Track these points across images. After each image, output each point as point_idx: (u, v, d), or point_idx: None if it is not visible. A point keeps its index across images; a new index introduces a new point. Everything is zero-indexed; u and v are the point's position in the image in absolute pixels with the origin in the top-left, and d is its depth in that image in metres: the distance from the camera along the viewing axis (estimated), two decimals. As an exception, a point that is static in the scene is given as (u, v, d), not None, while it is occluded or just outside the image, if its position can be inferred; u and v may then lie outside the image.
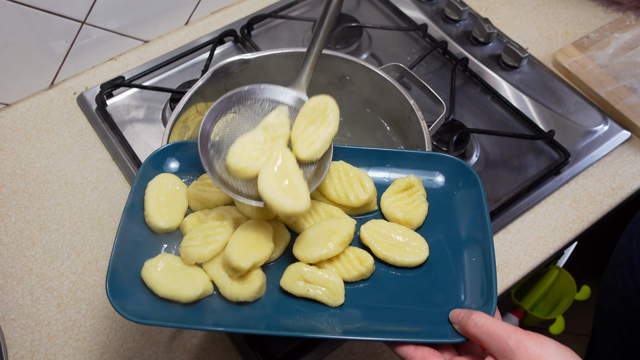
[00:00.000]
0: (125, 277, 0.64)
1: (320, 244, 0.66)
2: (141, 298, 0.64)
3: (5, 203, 0.98)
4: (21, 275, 0.91)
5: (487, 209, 0.68)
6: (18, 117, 1.09)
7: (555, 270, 1.49)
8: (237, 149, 0.66)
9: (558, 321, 1.51)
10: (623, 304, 0.97)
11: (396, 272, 0.68)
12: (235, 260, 0.63)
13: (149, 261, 0.66)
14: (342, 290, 0.65)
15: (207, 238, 0.67)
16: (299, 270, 0.65)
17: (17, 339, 0.85)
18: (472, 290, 0.65)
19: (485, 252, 0.65)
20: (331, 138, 0.68)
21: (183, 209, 0.72)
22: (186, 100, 0.85)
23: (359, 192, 0.70)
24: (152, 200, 0.70)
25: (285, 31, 1.22)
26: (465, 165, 0.71)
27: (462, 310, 0.60)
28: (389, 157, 0.75)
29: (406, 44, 1.20)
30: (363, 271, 0.66)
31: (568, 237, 0.96)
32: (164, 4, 1.15)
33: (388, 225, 0.70)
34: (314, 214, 0.71)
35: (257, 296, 0.65)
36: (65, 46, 1.08)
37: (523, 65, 1.16)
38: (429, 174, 0.74)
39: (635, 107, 1.08)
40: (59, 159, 1.04)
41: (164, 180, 0.72)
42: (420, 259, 0.67)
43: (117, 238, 0.66)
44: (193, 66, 1.16)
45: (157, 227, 0.69)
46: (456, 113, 1.09)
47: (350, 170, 0.72)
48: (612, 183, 1.01)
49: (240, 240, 0.65)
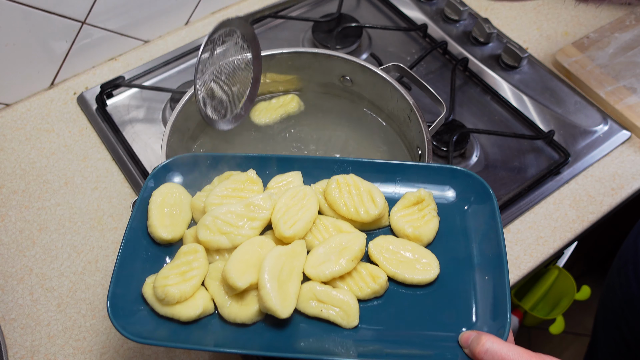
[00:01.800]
0: (127, 293, 0.63)
1: (332, 261, 0.64)
2: (143, 316, 0.63)
3: (5, 203, 0.98)
4: (21, 275, 0.91)
5: (500, 224, 0.65)
6: (18, 117, 1.09)
7: (555, 270, 1.49)
8: (207, 220, 0.65)
9: (558, 321, 1.51)
10: (627, 305, 0.97)
11: (406, 290, 0.66)
12: (232, 278, 0.61)
13: (150, 277, 0.65)
14: (357, 312, 0.63)
15: (184, 274, 0.64)
16: (312, 290, 0.63)
17: (17, 338, 0.86)
18: (484, 311, 0.62)
19: (498, 271, 0.63)
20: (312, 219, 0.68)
21: (187, 220, 0.71)
22: (186, 100, 0.85)
23: (370, 207, 0.68)
24: (155, 210, 0.68)
25: (285, 31, 1.22)
26: (479, 179, 0.69)
27: (471, 332, 0.58)
28: (399, 171, 0.72)
29: (406, 44, 1.20)
30: (376, 288, 0.64)
31: (568, 237, 0.96)
32: (164, 4, 1.15)
33: (397, 242, 0.68)
34: (322, 230, 0.69)
35: (256, 319, 0.63)
36: (65, 46, 1.09)
37: (523, 65, 1.16)
38: (440, 187, 0.72)
39: (635, 107, 1.08)
40: (59, 159, 1.04)
41: (168, 190, 0.70)
42: (431, 276, 0.65)
43: (120, 251, 0.65)
44: (193, 66, 1.15)
45: (160, 238, 0.68)
46: (456, 113, 1.09)
47: (361, 184, 0.69)
48: (612, 183, 1.01)
49: (241, 257, 0.63)
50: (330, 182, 0.70)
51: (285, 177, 0.72)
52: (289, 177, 0.72)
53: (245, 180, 0.70)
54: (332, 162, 0.73)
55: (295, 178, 0.72)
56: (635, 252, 0.96)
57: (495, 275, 0.63)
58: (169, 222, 0.68)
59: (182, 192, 0.71)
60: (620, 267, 1.00)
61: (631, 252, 0.97)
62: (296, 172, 0.73)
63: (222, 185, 0.69)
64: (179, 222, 0.69)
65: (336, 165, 0.73)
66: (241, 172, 0.72)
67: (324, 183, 0.72)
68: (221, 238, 0.65)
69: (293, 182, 0.71)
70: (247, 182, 0.70)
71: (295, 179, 0.72)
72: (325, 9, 1.25)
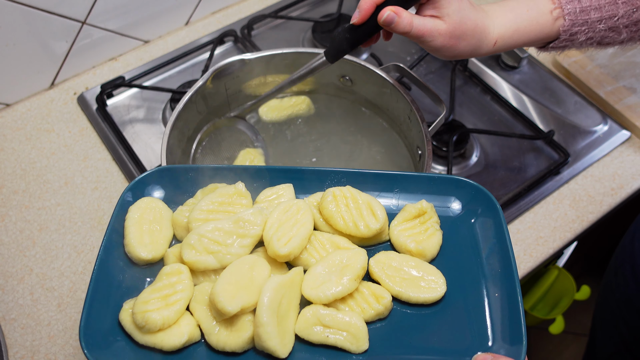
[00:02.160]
0: (102, 321, 0.58)
1: (333, 281, 0.58)
2: (120, 347, 0.57)
3: (5, 203, 0.99)
4: (21, 275, 0.91)
5: (509, 238, 0.61)
6: (18, 117, 1.09)
7: (555, 270, 1.49)
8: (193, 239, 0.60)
9: (558, 321, 1.51)
10: (624, 304, 0.97)
11: (411, 311, 0.61)
12: (220, 302, 0.55)
13: (128, 303, 0.59)
14: (366, 335, 0.57)
15: (167, 298, 0.58)
16: (315, 314, 0.57)
17: (17, 338, 0.86)
18: (497, 331, 0.58)
19: (509, 287, 0.59)
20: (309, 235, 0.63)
21: (168, 238, 0.64)
22: (186, 100, 0.85)
23: (370, 220, 0.63)
24: (133, 227, 0.62)
25: (285, 31, 1.22)
26: (484, 190, 0.65)
27: (485, 355, 0.55)
28: (398, 181, 0.68)
29: (406, 44, 1.21)
30: (381, 310, 0.59)
31: (568, 237, 0.96)
32: (164, 4, 1.15)
33: (399, 258, 0.63)
34: (318, 247, 0.63)
35: (247, 347, 0.57)
36: (65, 46, 1.09)
37: (523, 65, 1.16)
38: (443, 199, 0.67)
39: (635, 107, 1.08)
40: (59, 159, 1.04)
41: (147, 205, 0.64)
42: (437, 295, 0.60)
43: (94, 274, 0.59)
44: (193, 66, 1.16)
45: (139, 258, 0.62)
46: (456, 113, 1.09)
47: (359, 196, 0.65)
48: (612, 183, 1.01)
49: (230, 278, 0.57)
50: (326, 195, 0.65)
51: (276, 190, 0.67)
52: (279, 190, 0.67)
53: (233, 194, 0.65)
54: (325, 173, 0.68)
55: (286, 191, 0.67)
56: (632, 252, 0.96)
57: (506, 292, 0.59)
58: (148, 241, 0.62)
59: (163, 207, 0.65)
60: (617, 267, 1.01)
61: (628, 252, 0.97)
62: (287, 185, 0.67)
63: (207, 198, 0.64)
64: (160, 240, 0.63)
65: (330, 176, 0.68)
66: (228, 185, 0.66)
67: (317, 196, 0.67)
68: (208, 258, 0.60)
69: (284, 196, 0.67)
70: (235, 195, 0.65)
71: (287, 192, 0.67)
72: (325, 9, 1.25)
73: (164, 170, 0.67)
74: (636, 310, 0.95)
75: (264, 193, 0.67)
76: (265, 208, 0.64)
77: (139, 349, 0.57)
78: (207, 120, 0.93)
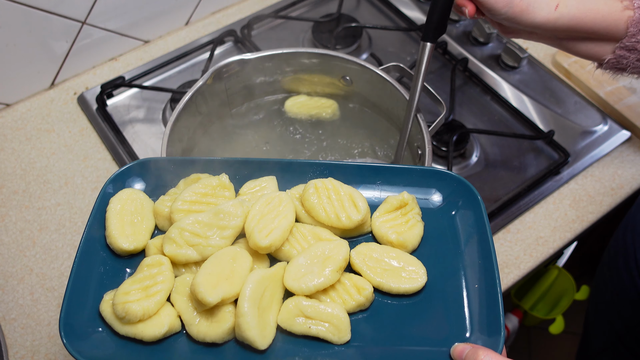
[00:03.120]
0: (83, 313, 0.58)
1: (315, 272, 0.59)
2: (101, 337, 0.57)
3: (5, 203, 0.99)
4: (22, 275, 0.91)
5: (489, 230, 0.62)
6: (18, 117, 1.09)
7: (555, 270, 1.50)
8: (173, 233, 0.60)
9: (558, 321, 1.51)
10: (617, 296, 0.98)
11: (392, 301, 0.61)
12: (201, 293, 0.55)
13: (108, 294, 0.59)
14: (348, 326, 0.58)
15: (147, 289, 0.58)
16: (298, 305, 0.58)
17: (17, 338, 0.86)
18: (476, 323, 0.58)
19: (489, 278, 0.59)
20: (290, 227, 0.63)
21: (150, 229, 0.64)
22: (186, 100, 0.85)
23: (352, 212, 0.63)
24: (114, 218, 0.62)
25: (285, 31, 1.22)
26: (465, 182, 0.66)
27: (465, 345, 0.55)
28: (380, 173, 0.68)
29: (406, 44, 1.21)
30: (362, 301, 0.60)
31: (568, 237, 0.96)
32: (164, 4, 1.15)
33: (380, 249, 0.63)
34: (300, 238, 0.64)
35: (227, 338, 0.58)
36: (65, 46, 1.09)
37: (523, 65, 1.16)
38: (424, 191, 0.68)
39: (635, 107, 1.08)
40: (60, 159, 1.04)
41: (128, 196, 0.64)
42: (418, 285, 0.61)
43: (74, 266, 0.59)
44: (193, 66, 1.16)
45: (121, 249, 0.62)
46: (456, 113, 1.09)
47: (341, 188, 0.65)
48: (612, 183, 1.01)
49: (212, 269, 0.57)
50: (308, 187, 0.65)
51: (259, 182, 0.67)
52: (262, 182, 0.67)
53: (216, 186, 0.65)
54: (307, 166, 0.68)
55: (269, 183, 0.67)
56: (624, 244, 0.96)
57: (485, 284, 0.60)
58: (130, 232, 0.62)
59: (144, 199, 0.65)
60: (609, 261, 1.01)
61: (620, 245, 0.98)
62: (270, 177, 0.68)
63: (190, 189, 0.64)
64: (141, 231, 0.63)
65: (312, 168, 0.68)
66: (211, 176, 0.66)
67: (300, 188, 0.67)
68: (189, 251, 0.60)
69: (267, 188, 0.67)
70: (218, 187, 0.65)
71: (270, 184, 0.67)
72: (325, 9, 1.25)
73: (145, 162, 0.67)
74: (629, 302, 0.95)
75: (247, 185, 0.67)
76: (246, 200, 0.64)
77: (119, 340, 0.58)
78: (207, 120, 0.93)
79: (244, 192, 0.67)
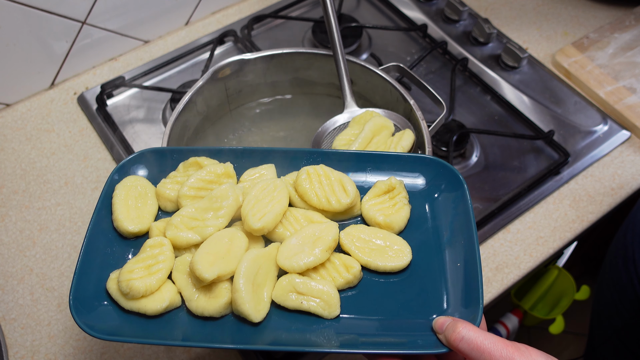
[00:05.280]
0: (90, 290, 0.62)
1: (306, 252, 0.63)
2: (107, 312, 0.62)
3: (5, 203, 0.99)
4: (21, 275, 0.91)
5: (472, 211, 0.65)
6: (18, 117, 1.09)
7: (555, 270, 1.50)
8: (175, 220, 0.65)
9: (558, 321, 1.51)
10: (618, 296, 0.98)
11: (379, 279, 0.65)
12: (199, 270, 0.60)
13: (114, 272, 0.64)
14: (338, 301, 0.62)
15: (149, 268, 0.63)
16: (291, 282, 0.62)
17: (17, 338, 0.86)
18: (455, 297, 0.62)
19: (470, 257, 0.63)
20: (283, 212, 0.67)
21: (153, 212, 0.69)
22: (186, 100, 0.85)
23: (341, 196, 0.67)
24: (120, 203, 0.67)
25: (285, 31, 1.22)
26: (449, 167, 0.69)
27: (445, 318, 0.58)
28: (369, 160, 0.72)
29: (406, 44, 1.21)
30: (350, 278, 0.64)
31: (568, 237, 0.96)
32: (164, 4, 1.15)
33: (368, 230, 0.67)
34: (293, 221, 0.68)
35: (224, 312, 0.62)
36: (65, 46, 1.09)
37: (523, 65, 1.16)
38: (411, 176, 0.72)
39: (635, 107, 1.08)
40: (60, 159, 1.04)
41: (132, 182, 0.69)
42: (403, 263, 0.65)
43: (82, 248, 0.63)
44: (193, 66, 1.16)
45: (126, 231, 0.66)
46: (456, 113, 1.09)
47: (332, 174, 0.69)
48: (612, 183, 1.01)
49: (209, 249, 0.62)
50: (301, 173, 0.69)
51: (259, 169, 0.71)
52: (262, 170, 0.71)
53: (221, 174, 0.69)
54: (301, 154, 0.72)
55: (268, 171, 0.71)
56: (624, 244, 0.96)
57: (467, 262, 0.63)
58: (134, 215, 0.67)
59: (147, 184, 0.70)
60: (611, 261, 1.01)
61: (621, 245, 0.98)
62: (269, 165, 0.72)
63: (196, 176, 0.68)
64: (145, 214, 0.68)
65: (306, 156, 0.72)
66: (218, 163, 0.70)
67: (294, 175, 0.72)
68: (189, 233, 0.65)
69: (266, 175, 0.71)
70: (223, 175, 0.69)
71: (269, 171, 0.71)
72: (325, 9, 1.25)
73: (148, 152, 0.72)
74: (629, 301, 0.95)
75: (247, 173, 0.71)
76: (235, 183, 0.69)
77: (124, 314, 0.62)
78: (207, 120, 0.93)
79: (244, 179, 0.71)
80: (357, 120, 0.84)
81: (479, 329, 0.55)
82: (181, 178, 0.70)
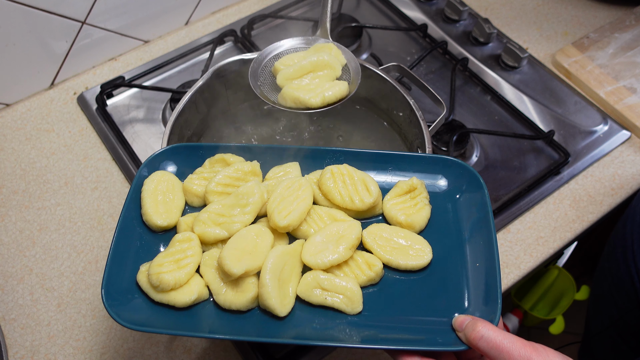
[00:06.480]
0: (121, 281, 0.64)
1: (330, 249, 0.65)
2: (137, 303, 0.63)
3: (5, 203, 0.99)
4: (21, 275, 0.91)
5: (491, 213, 0.67)
6: (18, 117, 1.09)
7: (555, 270, 1.49)
8: (202, 217, 0.67)
9: (558, 321, 1.51)
10: (615, 287, 0.99)
11: (400, 276, 0.67)
12: (227, 265, 0.61)
13: (144, 265, 0.66)
14: (360, 298, 0.64)
15: (178, 262, 0.65)
16: (315, 278, 0.64)
17: (17, 338, 0.86)
18: (475, 297, 0.63)
19: (489, 257, 0.64)
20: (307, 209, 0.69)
21: (180, 206, 0.72)
22: (186, 100, 0.85)
23: (364, 195, 0.69)
24: (149, 198, 0.69)
25: (285, 31, 1.22)
26: (470, 169, 0.70)
27: (465, 317, 0.59)
28: (392, 160, 0.74)
29: (406, 44, 1.21)
30: (372, 276, 0.65)
31: (568, 237, 0.96)
32: (164, 4, 1.15)
33: (390, 229, 0.69)
34: (317, 219, 0.70)
35: (251, 306, 0.64)
36: (65, 46, 1.09)
37: (523, 65, 1.16)
38: (432, 177, 0.73)
39: (635, 107, 1.08)
40: (59, 159, 1.04)
41: (160, 177, 0.71)
42: (424, 262, 0.66)
43: (114, 240, 0.65)
44: (193, 66, 1.16)
45: (155, 226, 0.69)
46: (456, 113, 1.09)
47: (355, 173, 0.71)
48: (612, 183, 1.01)
49: (237, 244, 0.64)
50: (325, 172, 0.71)
51: (284, 167, 0.73)
52: (287, 168, 0.73)
53: (248, 171, 0.71)
54: (325, 152, 0.74)
55: (293, 168, 0.73)
56: (623, 234, 0.97)
57: (486, 262, 0.64)
58: (163, 209, 0.69)
59: (174, 180, 0.72)
60: (609, 253, 1.02)
61: (620, 236, 0.98)
62: (294, 163, 0.73)
63: (224, 172, 0.70)
64: (173, 209, 0.70)
65: (329, 155, 0.74)
66: (245, 161, 0.72)
67: (317, 173, 0.73)
68: (216, 229, 0.67)
69: (291, 173, 0.73)
70: (250, 173, 0.71)
71: (294, 169, 0.73)
72: (325, 9, 1.25)
73: (176, 147, 0.74)
74: (626, 292, 0.95)
75: (273, 170, 0.74)
76: (260, 180, 0.71)
77: (154, 306, 0.64)
78: (207, 120, 0.93)
79: (269, 177, 0.73)
80: (318, 48, 0.83)
81: (498, 329, 0.56)
82: (207, 174, 0.72)
